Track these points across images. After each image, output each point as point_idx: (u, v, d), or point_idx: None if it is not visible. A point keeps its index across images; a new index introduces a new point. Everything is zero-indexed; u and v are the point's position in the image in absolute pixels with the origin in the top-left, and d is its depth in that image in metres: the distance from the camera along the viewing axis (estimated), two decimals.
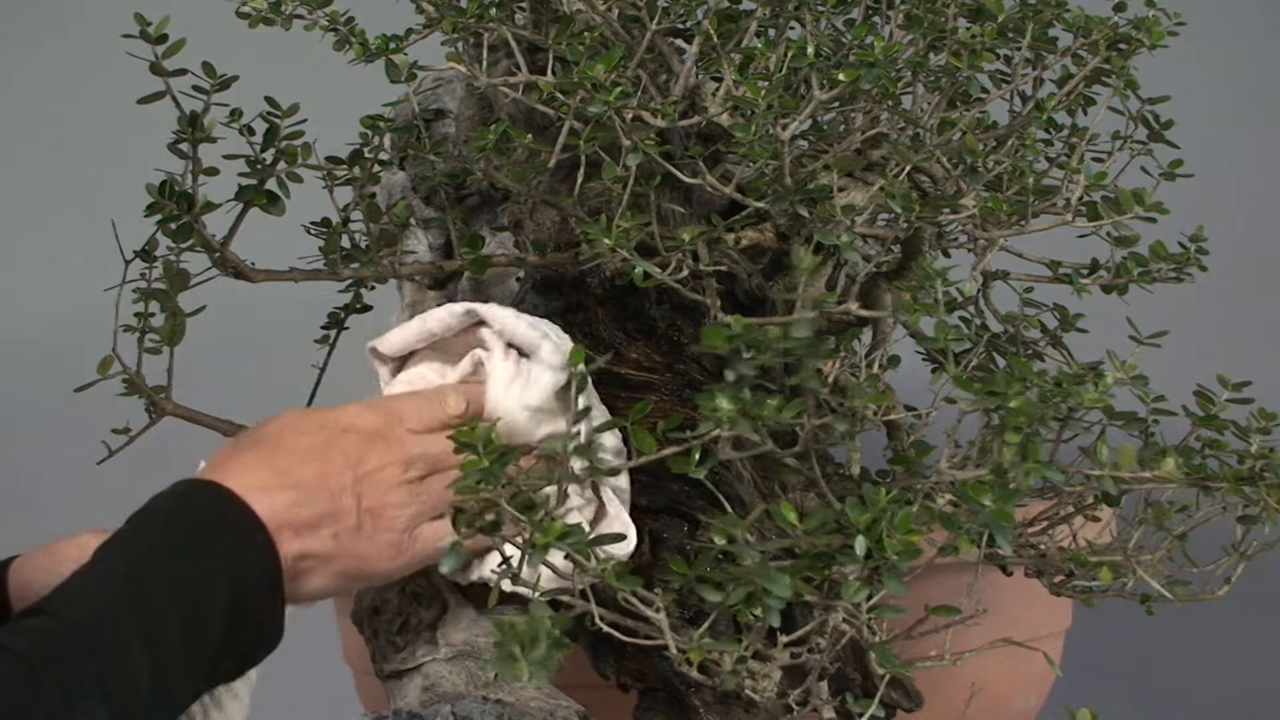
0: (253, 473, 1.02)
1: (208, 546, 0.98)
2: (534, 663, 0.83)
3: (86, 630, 0.92)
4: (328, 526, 1.02)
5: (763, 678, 0.97)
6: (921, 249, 1.12)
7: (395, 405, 1.08)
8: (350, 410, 1.07)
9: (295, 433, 1.05)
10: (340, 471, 1.03)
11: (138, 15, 1.01)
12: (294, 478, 1.02)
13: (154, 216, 1.10)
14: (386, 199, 1.25)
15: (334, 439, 1.05)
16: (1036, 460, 0.92)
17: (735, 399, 0.91)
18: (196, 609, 0.95)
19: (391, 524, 1.04)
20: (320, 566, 1.02)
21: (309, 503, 1.02)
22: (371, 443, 1.05)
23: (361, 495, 1.03)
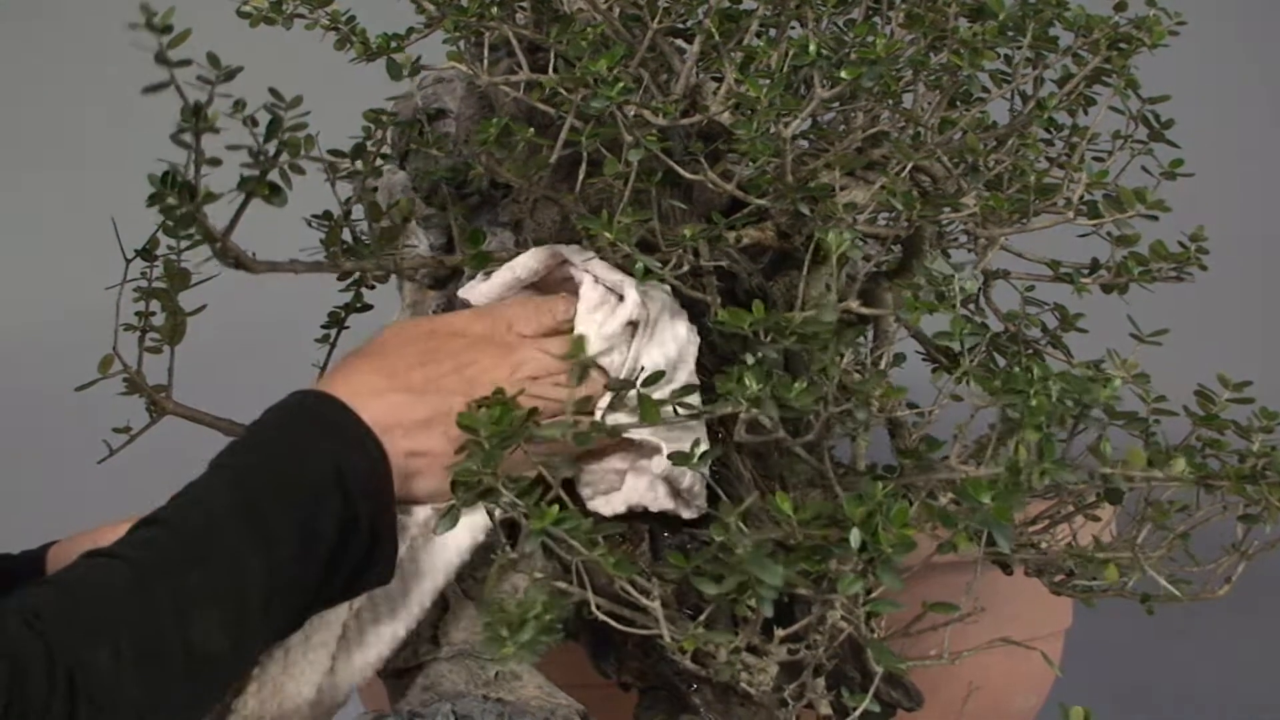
0: (361, 379, 1.03)
1: (315, 452, 0.98)
2: (521, 645, 0.83)
3: (199, 539, 0.92)
4: (439, 424, 1.03)
5: (759, 671, 0.97)
6: (922, 248, 1.12)
7: (503, 310, 1.10)
8: (459, 317, 1.10)
9: (403, 339, 1.06)
10: (450, 373, 1.05)
11: (143, 5, 1.01)
12: (404, 380, 1.03)
13: (155, 207, 1.10)
14: (387, 198, 1.25)
15: (443, 343, 1.06)
16: (1053, 460, 0.92)
17: (762, 379, 0.92)
18: (307, 515, 0.96)
19: None
20: (433, 465, 1.03)
21: (419, 403, 1.03)
22: (480, 346, 1.06)
23: (471, 394, 1.03)
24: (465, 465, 0.93)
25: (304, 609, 0.98)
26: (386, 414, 1.01)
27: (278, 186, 1.10)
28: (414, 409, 1.02)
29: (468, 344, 1.07)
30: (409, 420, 1.02)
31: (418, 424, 1.02)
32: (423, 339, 1.07)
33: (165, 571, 0.90)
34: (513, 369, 1.06)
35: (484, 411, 0.93)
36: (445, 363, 1.05)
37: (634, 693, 1.13)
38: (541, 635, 0.85)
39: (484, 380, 1.05)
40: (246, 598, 0.92)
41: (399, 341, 1.07)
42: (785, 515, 0.90)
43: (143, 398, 1.22)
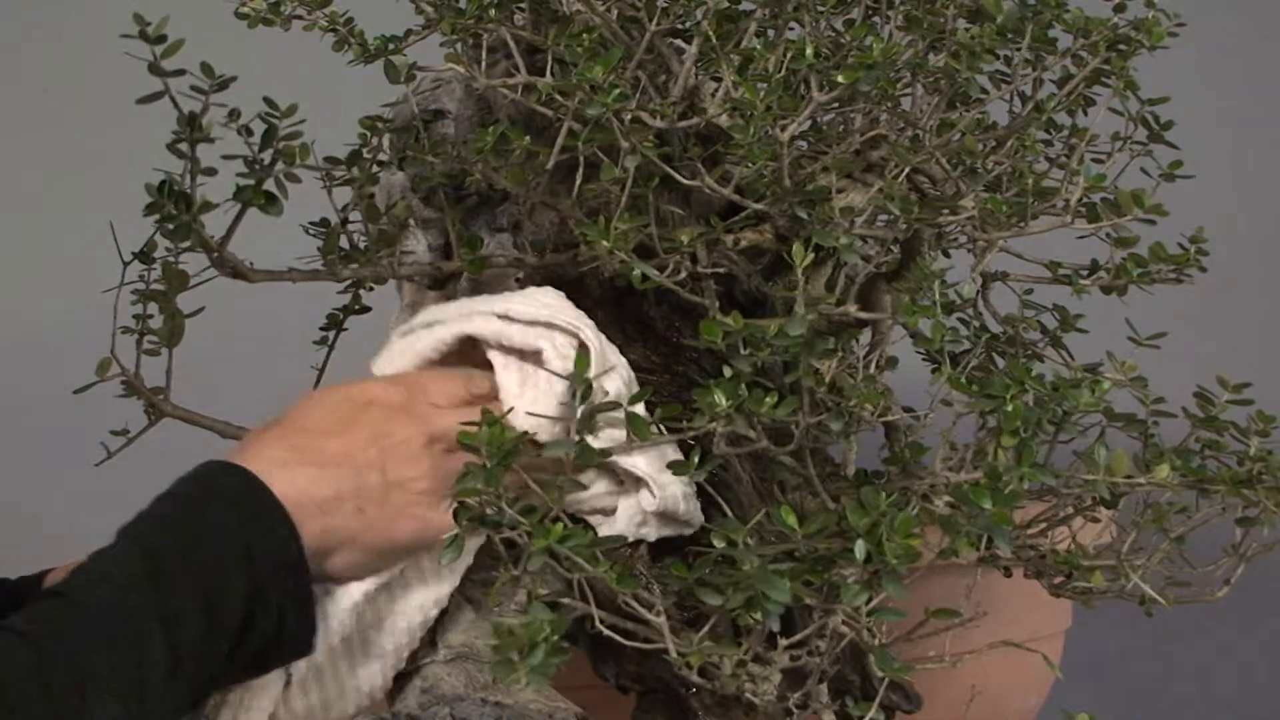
0: (274, 451, 1.01)
1: (226, 528, 0.96)
2: (531, 668, 0.83)
3: (102, 615, 0.91)
4: (352, 501, 1.01)
5: (762, 681, 0.97)
6: (921, 250, 1.12)
7: (420, 379, 1.07)
8: (373, 385, 1.07)
9: (317, 409, 1.04)
10: (364, 446, 1.02)
11: (136, 15, 1.01)
12: (316, 454, 1.01)
13: (152, 216, 1.10)
14: (385, 199, 1.25)
15: (357, 413, 1.04)
16: (1032, 463, 0.92)
17: (731, 394, 0.92)
18: (215, 592, 0.94)
19: (417, 497, 1.03)
20: (347, 543, 1.01)
21: (332, 478, 1.00)
22: (395, 415, 1.04)
23: (386, 468, 1.02)
24: (468, 485, 0.93)
25: (210, 683, 0.96)
26: (297, 489, 0.99)
27: (274, 196, 1.10)
28: (325, 484, 1.00)
29: (383, 414, 1.04)
30: (320, 496, 1.00)
31: (329, 500, 1.00)
32: (336, 408, 1.04)
33: (66, 651, 0.88)
34: (430, 440, 1.04)
35: (483, 430, 0.93)
36: (360, 434, 1.03)
37: (632, 696, 1.12)
38: (551, 657, 0.85)
39: (400, 453, 1.03)
40: (148, 678, 0.90)
41: (312, 411, 1.04)
42: (790, 528, 0.90)
43: (141, 400, 1.22)
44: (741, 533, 0.88)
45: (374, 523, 1.01)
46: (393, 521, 1.02)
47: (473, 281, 1.23)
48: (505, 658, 0.85)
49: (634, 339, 1.17)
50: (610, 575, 0.92)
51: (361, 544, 1.02)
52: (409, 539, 1.03)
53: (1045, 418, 0.94)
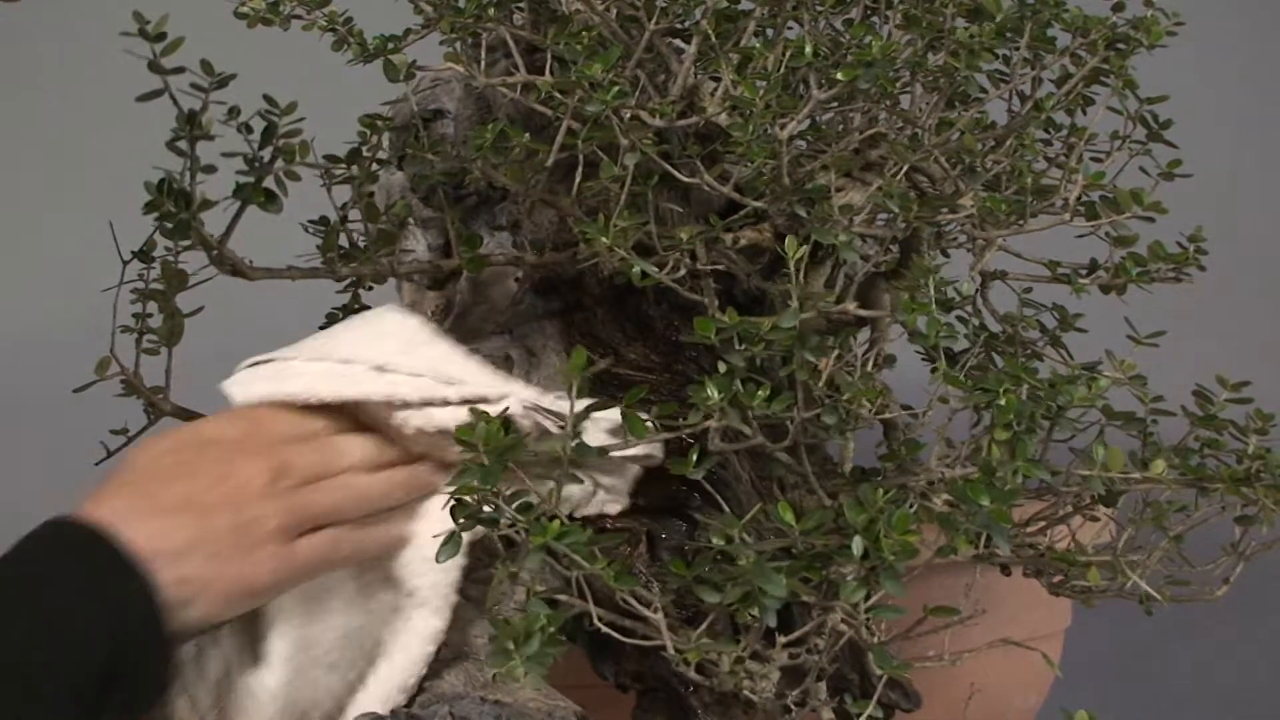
0: (118, 501, 0.95)
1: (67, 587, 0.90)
2: (528, 659, 0.83)
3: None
4: (201, 549, 0.95)
5: (761, 678, 0.97)
6: (920, 249, 1.12)
7: (258, 413, 1.03)
8: (212, 422, 1.03)
9: (157, 454, 0.99)
10: (207, 488, 0.97)
11: (136, 14, 1.01)
12: (159, 501, 0.96)
13: (152, 215, 1.10)
14: (385, 198, 1.25)
15: (198, 454, 0.99)
16: (1026, 459, 0.92)
17: (725, 389, 0.92)
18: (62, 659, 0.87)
19: (267, 537, 0.98)
20: (202, 593, 0.95)
21: (179, 525, 0.95)
22: (236, 454, 1.00)
23: (233, 510, 0.97)
24: (465, 483, 0.93)
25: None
26: (146, 540, 0.93)
27: (273, 193, 1.10)
28: (173, 533, 0.94)
29: (223, 453, 1.00)
30: (169, 547, 0.93)
31: (178, 550, 0.94)
32: (174, 452, 0.99)
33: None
34: (275, 475, 0.99)
35: (480, 427, 0.93)
36: (202, 477, 0.98)
37: (632, 694, 1.12)
38: (548, 648, 0.85)
39: (247, 492, 0.98)
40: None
41: (150, 458, 0.99)
42: (788, 525, 0.90)
43: (140, 399, 1.22)
44: (737, 528, 0.89)
45: (225, 568, 0.96)
46: (252, 565, 0.97)
47: (472, 280, 1.23)
48: (501, 648, 0.85)
49: (633, 337, 1.17)
50: (608, 573, 0.92)
51: (215, 592, 0.96)
52: (268, 581, 0.98)
53: (1040, 413, 0.94)
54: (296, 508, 0.99)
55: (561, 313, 1.18)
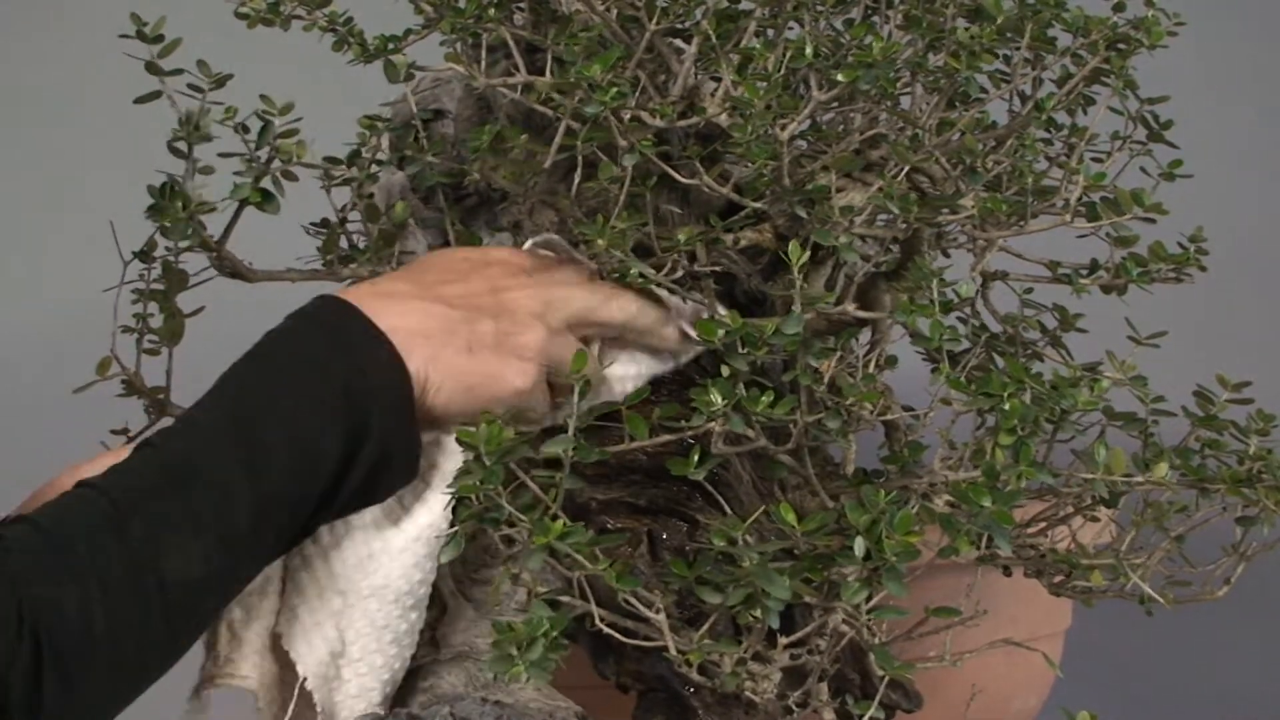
0: (388, 285, 1.01)
1: (320, 361, 0.96)
2: (531, 663, 0.83)
3: (183, 464, 0.90)
4: (462, 337, 1.00)
5: (762, 679, 0.97)
6: (920, 249, 1.12)
7: (545, 260, 1.09)
8: (505, 249, 1.09)
9: (440, 258, 1.06)
10: (484, 292, 1.02)
11: (134, 15, 1.01)
12: (433, 291, 1.01)
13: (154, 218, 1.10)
14: (385, 199, 1.25)
15: (479, 266, 1.05)
16: (1030, 462, 0.92)
17: (728, 393, 0.92)
18: (307, 430, 0.93)
19: (525, 351, 1.02)
20: (450, 380, 0.99)
21: (444, 315, 1.00)
22: (517, 275, 1.05)
23: (500, 318, 1.02)
24: (466, 482, 0.93)
25: (307, 522, 0.95)
26: (408, 319, 0.99)
27: (270, 193, 1.10)
28: (436, 319, 1.00)
29: (505, 272, 1.05)
30: (433, 327, 0.99)
31: (441, 332, 0.99)
32: (457, 263, 1.06)
33: (142, 501, 0.88)
34: (545, 306, 1.04)
35: (482, 428, 0.93)
36: (479, 282, 1.03)
37: (633, 695, 1.12)
38: (550, 653, 0.85)
39: (517, 307, 1.03)
40: (231, 526, 0.90)
41: (432, 262, 1.06)
42: (790, 526, 0.90)
43: (141, 399, 1.22)
44: (741, 530, 0.89)
45: (483, 364, 1.01)
46: (503, 367, 1.02)
47: None
48: (504, 653, 0.85)
49: None
50: (610, 573, 0.92)
51: (466, 383, 1.00)
52: (513, 391, 1.02)
53: (1043, 416, 0.94)
54: (552, 350, 1.03)
55: None
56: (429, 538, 1.03)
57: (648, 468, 1.11)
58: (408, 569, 1.03)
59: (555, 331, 1.04)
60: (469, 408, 1.01)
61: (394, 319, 0.98)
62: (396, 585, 1.03)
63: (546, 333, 1.04)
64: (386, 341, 0.97)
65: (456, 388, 1.00)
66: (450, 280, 1.03)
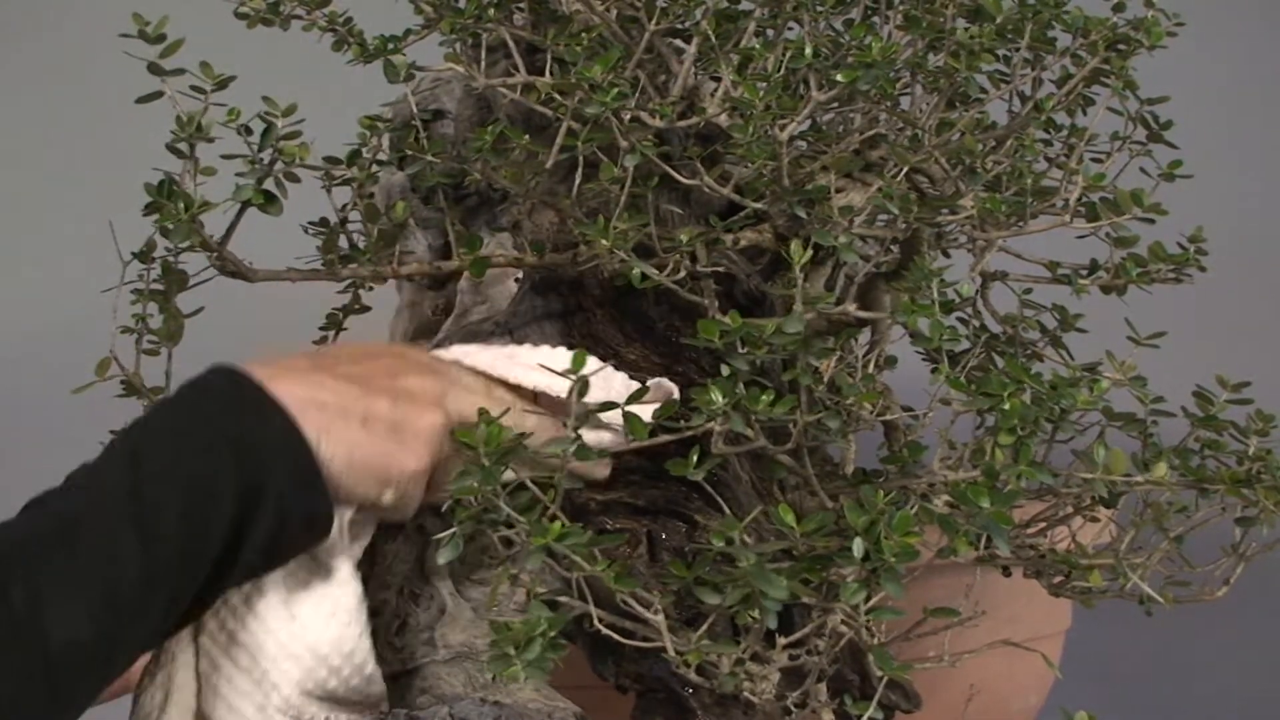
0: (287, 361, 1.00)
1: (212, 423, 0.93)
2: (528, 663, 0.83)
3: (70, 522, 0.87)
4: (358, 413, 0.98)
5: (761, 679, 0.97)
6: (920, 249, 1.12)
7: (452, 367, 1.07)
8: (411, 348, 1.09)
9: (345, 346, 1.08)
10: (380, 374, 1.01)
11: (136, 15, 1.01)
12: (331, 369, 1.00)
13: (152, 216, 1.10)
14: (385, 199, 1.25)
15: (383, 353, 1.05)
16: (1030, 462, 0.92)
17: (728, 393, 0.92)
18: (199, 490, 0.90)
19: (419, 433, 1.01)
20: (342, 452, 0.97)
21: (342, 388, 0.98)
22: (418, 367, 1.04)
23: (397, 398, 1.00)
24: (463, 483, 0.93)
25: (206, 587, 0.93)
26: (302, 389, 0.97)
27: (272, 195, 1.10)
28: (333, 391, 0.98)
29: (407, 364, 1.04)
30: (327, 399, 0.97)
31: (336, 405, 0.97)
32: (361, 346, 1.06)
33: (24, 558, 0.85)
34: (443, 396, 1.03)
35: (481, 429, 0.93)
36: (378, 366, 1.02)
37: (631, 695, 1.12)
38: (548, 653, 0.85)
39: (416, 391, 1.02)
40: (120, 583, 0.87)
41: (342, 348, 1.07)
42: (789, 527, 0.90)
43: (141, 400, 1.22)
44: (738, 530, 0.89)
45: (377, 441, 0.99)
46: (397, 447, 1.00)
47: (472, 282, 1.23)
48: (502, 652, 0.85)
49: (634, 339, 1.17)
50: (608, 574, 0.92)
51: (357, 458, 0.98)
52: (403, 472, 1.00)
53: (1043, 416, 0.94)
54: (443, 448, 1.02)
55: (561, 314, 1.18)
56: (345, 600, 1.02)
57: (647, 468, 1.11)
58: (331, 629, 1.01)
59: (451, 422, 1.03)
60: (357, 485, 0.99)
61: (288, 388, 0.96)
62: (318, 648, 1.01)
63: (444, 419, 1.02)
64: (280, 408, 0.95)
65: (347, 462, 0.98)
66: (351, 361, 1.02)
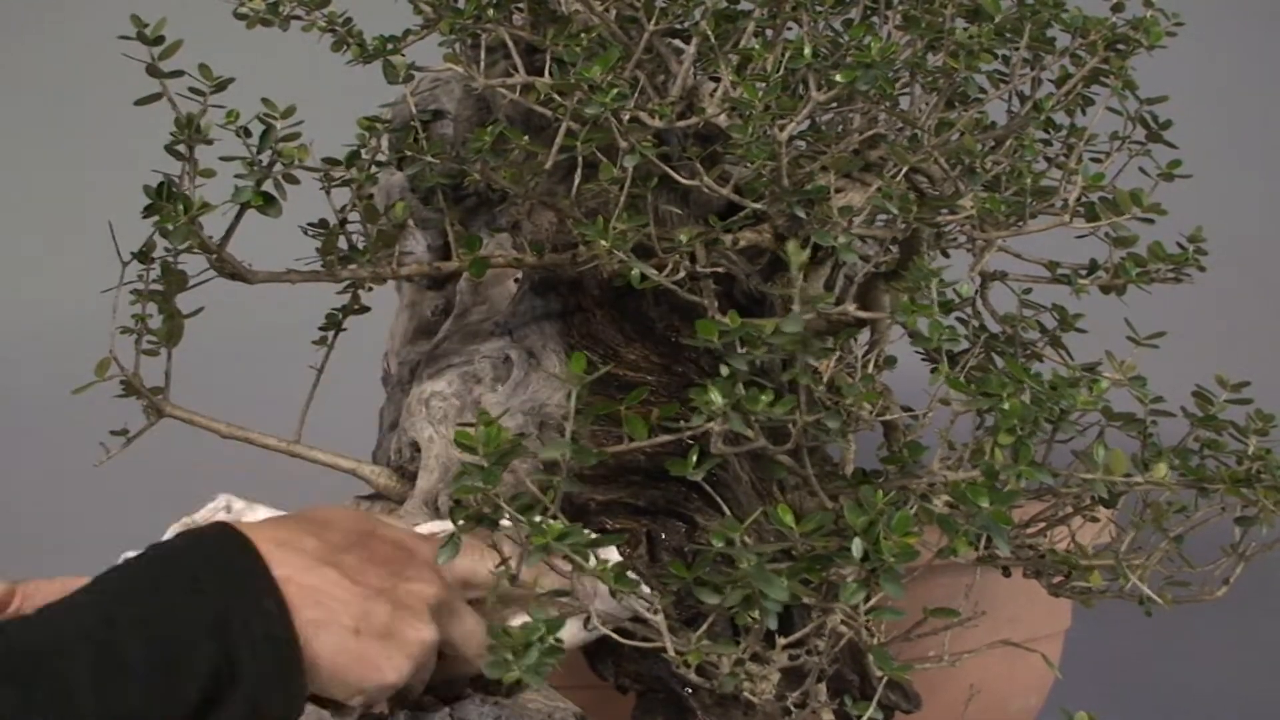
0: (290, 534, 0.95)
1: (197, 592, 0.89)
2: (527, 668, 0.83)
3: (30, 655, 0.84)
4: (354, 615, 0.94)
5: (761, 680, 0.97)
6: (920, 249, 1.12)
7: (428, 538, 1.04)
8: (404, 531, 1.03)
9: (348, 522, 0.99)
10: (386, 574, 0.97)
11: (134, 17, 1.01)
12: (337, 558, 0.96)
13: (151, 218, 1.10)
14: (384, 200, 1.25)
15: (383, 546, 0.99)
16: (1029, 462, 0.92)
17: (728, 393, 0.92)
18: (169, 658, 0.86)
19: (408, 647, 0.97)
20: (327, 653, 0.93)
21: (343, 587, 0.94)
22: (420, 565, 0.99)
23: (396, 605, 0.96)
24: (465, 484, 0.92)
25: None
26: (307, 577, 0.93)
27: (272, 197, 1.09)
28: (336, 587, 0.94)
29: (408, 558, 1.00)
30: (328, 595, 0.93)
31: (335, 606, 0.93)
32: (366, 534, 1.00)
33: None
34: (438, 603, 0.99)
35: (480, 430, 0.93)
36: (381, 564, 0.98)
37: (631, 695, 1.13)
38: (547, 658, 0.85)
39: (413, 597, 0.97)
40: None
41: (344, 521, 1.00)
42: (789, 527, 0.90)
43: (140, 400, 1.22)
44: (739, 531, 0.89)
45: (364, 650, 0.94)
46: (383, 659, 0.95)
47: (472, 282, 1.23)
48: (500, 657, 0.84)
49: (633, 338, 1.17)
50: (608, 574, 0.92)
51: (340, 662, 0.94)
52: (381, 684, 0.96)
53: (1042, 416, 0.94)
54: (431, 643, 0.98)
55: (561, 314, 1.18)
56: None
57: (647, 468, 1.11)
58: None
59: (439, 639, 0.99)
60: (328, 686, 0.94)
61: (291, 571, 0.92)
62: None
63: (434, 636, 0.98)
64: (278, 594, 0.91)
65: (330, 666, 0.93)
66: (354, 547, 0.97)
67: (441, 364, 1.20)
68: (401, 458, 1.22)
